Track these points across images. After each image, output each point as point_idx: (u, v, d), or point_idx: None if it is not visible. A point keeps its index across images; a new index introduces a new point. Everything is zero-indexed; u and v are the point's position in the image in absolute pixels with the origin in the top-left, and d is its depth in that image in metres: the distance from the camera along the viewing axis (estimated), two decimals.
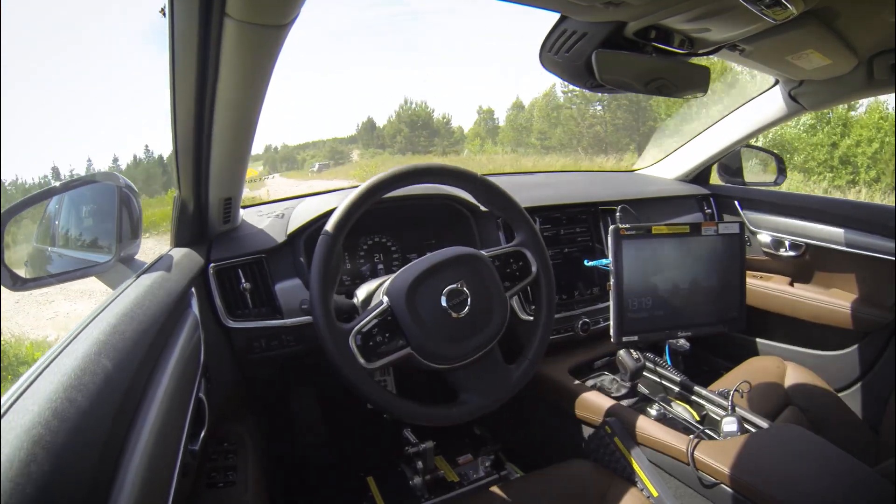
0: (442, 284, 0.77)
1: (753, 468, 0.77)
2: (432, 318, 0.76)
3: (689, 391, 1.02)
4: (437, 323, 0.76)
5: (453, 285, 0.78)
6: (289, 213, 1.07)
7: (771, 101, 1.33)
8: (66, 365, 0.41)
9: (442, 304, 0.77)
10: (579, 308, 1.24)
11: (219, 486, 0.74)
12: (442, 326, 0.76)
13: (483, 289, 0.81)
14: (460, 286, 0.78)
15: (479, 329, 0.79)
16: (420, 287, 0.76)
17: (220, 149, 0.74)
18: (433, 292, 0.77)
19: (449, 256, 0.80)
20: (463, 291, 0.78)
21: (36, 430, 0.33)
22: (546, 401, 1.14)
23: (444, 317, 0.77)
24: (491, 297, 0.81)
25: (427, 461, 1.15)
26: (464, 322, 0.78)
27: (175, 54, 0.58)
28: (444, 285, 0.77)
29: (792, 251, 1.44)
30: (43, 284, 0.74)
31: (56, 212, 0.85)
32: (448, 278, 0.78)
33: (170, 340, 0.62)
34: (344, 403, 1.40)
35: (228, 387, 0.96)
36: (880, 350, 1.25)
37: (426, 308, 0.76)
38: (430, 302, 0.76)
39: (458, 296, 0.78)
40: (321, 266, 0.74)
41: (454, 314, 0.77)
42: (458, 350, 0.78)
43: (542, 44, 0.88)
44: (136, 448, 0.44)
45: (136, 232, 0.77)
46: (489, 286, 0.81)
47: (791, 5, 0.66)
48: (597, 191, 1.40)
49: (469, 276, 0.80)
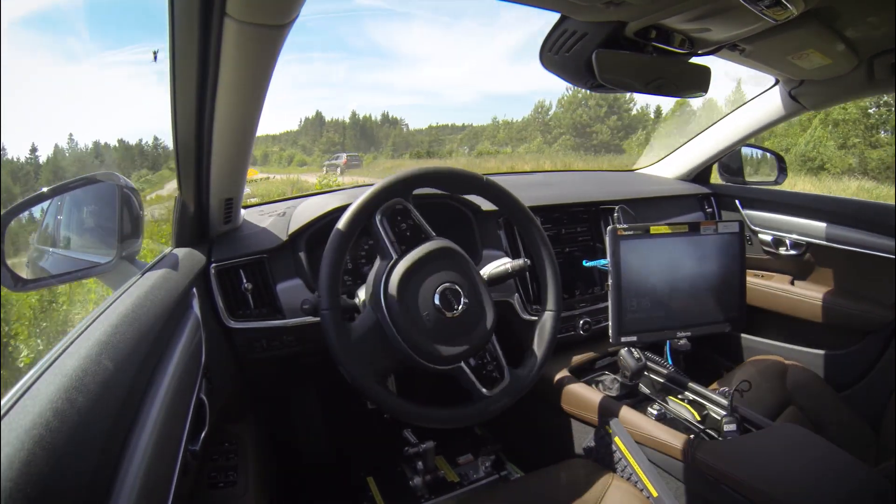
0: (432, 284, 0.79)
1: (753, 468, 0.77)
2: (425, 319, 0.78)
3: (689, 391, 1.02)
4: (431, 323, 0.78)
5: (445, 284, 0.79)
6: (290, 213, 1.07)
7: (771, 101, 1.33)
8: (67, 365, 0.41)
9: (435, 303, 0.78)
10: (580, 308, 1.24)
11: (219, 485, 0.74)
12: (436, 326, 0.78)
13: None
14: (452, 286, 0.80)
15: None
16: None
17: (220, 149, 0.74)
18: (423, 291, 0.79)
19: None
20: (455, 290, 0.80)
21: (36, 430, 0.33)
22: (546, 401, 1.14)
23: (439, 316, 0.78)
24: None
25: (427, 461, 1.16)
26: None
27: (175, 54, 0.58)
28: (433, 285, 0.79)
29: (793, 250, 1.44)
30: (44, 285, 0.74)
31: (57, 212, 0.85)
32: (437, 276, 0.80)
33: (171, 341, 0.62)
34: (344, 403, 1.40)
35: (229, 387, 0.96)
36: (881, 349, 1.25)
37: (417, 310, 0.78)
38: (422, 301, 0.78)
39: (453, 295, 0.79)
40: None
41: (448, 314, 0.78)
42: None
43: (543, 44, 0.88)
44: (137, 448, 0.44)
45: (137, 232, 0.77)
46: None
47: (791, 5, 0.66)
48: (597, 190, 1.40)
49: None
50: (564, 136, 21.63)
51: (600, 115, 21.39)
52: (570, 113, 21.71)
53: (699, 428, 0.93)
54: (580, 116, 21.50)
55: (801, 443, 0.83)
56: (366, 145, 23.66)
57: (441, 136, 24.16)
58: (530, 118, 23.13)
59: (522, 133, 22.64)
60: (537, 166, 16.25)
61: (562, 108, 22.25)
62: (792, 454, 0.81)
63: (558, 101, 22.26)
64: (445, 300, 0.78)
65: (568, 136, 21.60)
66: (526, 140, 22.13)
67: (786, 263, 1.46)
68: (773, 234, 1.46)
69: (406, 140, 23.61)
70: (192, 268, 0.82)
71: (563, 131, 21.69)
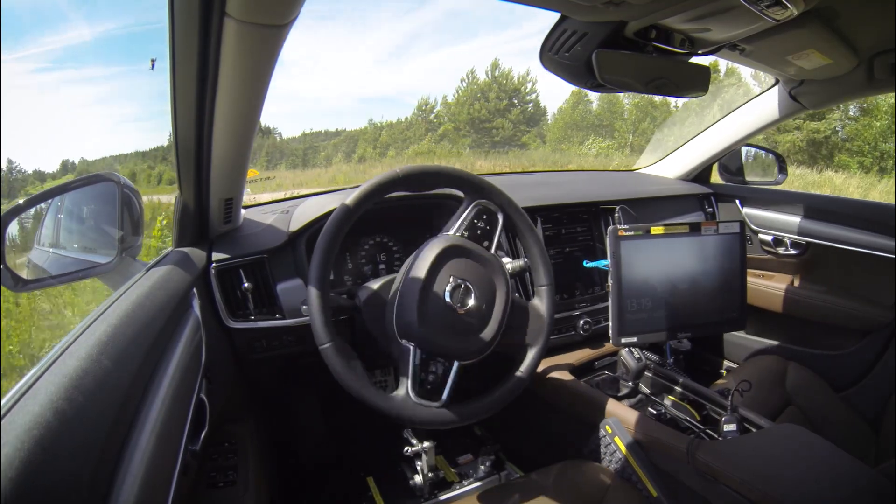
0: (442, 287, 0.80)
1: (753, 468, 0.77)
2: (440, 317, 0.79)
3: (689, 391, 1.02)
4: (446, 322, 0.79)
5: (456, 282, 0.80)
6: (290, 214, 1.07)
7: (771, 101, 1.33)
8: (68, 365, 0.41)
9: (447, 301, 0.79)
10: (580, 308, 1.24)
11: (219, 485, 0.74)
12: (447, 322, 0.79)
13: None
14: (460, 283, 0.80)
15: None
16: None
17: (220, 149, 0.74)
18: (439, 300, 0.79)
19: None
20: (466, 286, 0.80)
21: (37, 430, 0.33)
22: (546, 401, 1.14)
23: (451, 314, 0.79)
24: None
25: (427, 461, 1.15)
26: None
27: (175, 54, 0.58)
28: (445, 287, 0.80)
29: (793, 250, 1.44)
30: (44, 285, 0.74)
31: (57, 212, 0.85)
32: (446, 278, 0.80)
33: (171, 341, 0.62)
34: (344, 403, 1.40)
35: (229, 387, 0.96)
36: (881, 350, 1.25)
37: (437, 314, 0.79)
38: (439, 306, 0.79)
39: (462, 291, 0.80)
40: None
41: (460, 309, 0.79)
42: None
43: (543, 44, 0.87)
44: (137, 448, 0.44)
45: (137, 232, 0.77)
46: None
47: (791, 5, 0.66)
48: (597, 190, 1.40)
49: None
50: (459, 132, 19.20)
51: (500, 108, 18.93)
52: (466, 108, 19.19)
53: (699, 428, 0.93)
54: (478, 111, 18.90)
55: (801, 443, 0.83)
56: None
57: (316, 143, 22.68)
58: (413, 117, 21.20)
59: (406, 133, 20.64)
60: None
61: (455, 104, 19.72)
62: (792, 454, 0.81)
63: (453, 96, 19.90)
64: (456, 294, 0.80)
65: (463, 132, 19.16)
66: (412, 141, 20.13)
67: (786, 263, 1.46)
68: (773, 234, 1.46)
69: (280, 149, 22.13)
70: (192, 268, 0.83)
71: (457, 127, 19.26)
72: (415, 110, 21.52)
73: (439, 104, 20.83)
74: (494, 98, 18.90)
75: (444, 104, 20.57)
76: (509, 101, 19.13)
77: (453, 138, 19.25)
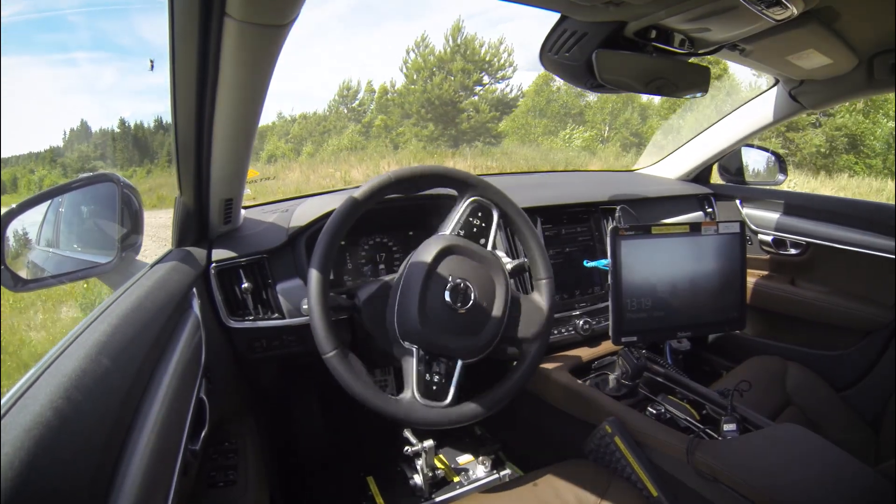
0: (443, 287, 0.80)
1: (753, 468, 0.77)
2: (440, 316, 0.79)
3: (689, 391, 1.02)
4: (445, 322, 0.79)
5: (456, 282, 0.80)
6: (290, 214, 1.07)
7: (771, 101, 1.33)
8: (68, 365, 0.41)
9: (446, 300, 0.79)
10: (580, 308, 1.24)
11: (219, 485, 0.74)
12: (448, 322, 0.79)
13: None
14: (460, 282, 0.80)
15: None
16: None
17: (220, 149, 0.75)
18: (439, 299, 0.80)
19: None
20: (466, 286, 0.80)
21: (37, 430, 0.33)
22: (546, 401, 1.14)
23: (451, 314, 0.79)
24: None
25: (427, 461, 1.15)
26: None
27: (175, 54, 0.58)
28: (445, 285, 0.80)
29: (793, 250, 1.44)
30: (44, 285, 0.74)
31: (57, 213, 0.85)
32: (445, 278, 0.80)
33: (171, 341, 0.62)
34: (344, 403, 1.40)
35: (229, 387, 0.97)
36: (881, 350, 1.25)
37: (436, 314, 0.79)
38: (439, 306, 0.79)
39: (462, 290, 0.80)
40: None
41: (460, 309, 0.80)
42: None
43: (543, 44, 0.88)
44: (137, 447, 0.44)
45: (137, 232, 0.77)
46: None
47: (791, 5, 0.66)
48: (597, 190, 1.40)
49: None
50: (409, 119, 14.51)
51: (468, 84, 14.03)
52: (420, 86, 14.26)
53: (699, 428, 0.93)
54: (437, 90, 13.77)
55: (801, 443, 0.83)
56: (139, 157, 17.43)
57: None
58: (333, 104, 17.81)
59: (324, 125, 17.34)
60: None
61: (404, 86, 15.18)
62: (791, 454, 0.81)
63: (401, 69, 15.43)
64: (456, 293, 0.80)
65: (415, 119, 14.39)
66: (332, 132, 16.96)
67: (786, 263, 1.46)
68: (773, 234, 1.46)
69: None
70: (192, 268, 0.83)
71: (406, 114, 14.63)
72: (335, 97, 18.11)
73: (363, 90, 17.26)
74: (459, 72, 13.84)
75: (369, 90, 16.92)
76: (479, 76, 14.22)
77: (400, 131, 14.66)
